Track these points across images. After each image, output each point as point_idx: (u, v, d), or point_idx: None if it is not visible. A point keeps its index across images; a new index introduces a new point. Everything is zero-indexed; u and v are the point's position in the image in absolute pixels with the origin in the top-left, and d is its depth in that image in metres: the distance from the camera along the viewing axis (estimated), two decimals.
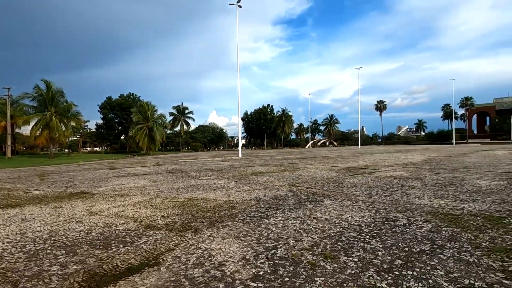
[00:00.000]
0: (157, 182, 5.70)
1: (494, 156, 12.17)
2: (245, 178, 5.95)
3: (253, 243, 2.06)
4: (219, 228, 2.43)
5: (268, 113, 56.12)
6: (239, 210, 3.08)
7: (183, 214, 2.97)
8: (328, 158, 13.20)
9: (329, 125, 62.34)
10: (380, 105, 60.54)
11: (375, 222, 2.53)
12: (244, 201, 3.60)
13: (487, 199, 3.49)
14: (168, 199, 3.80)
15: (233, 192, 4.28)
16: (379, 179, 5.50)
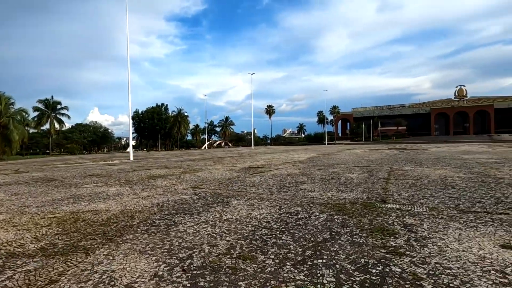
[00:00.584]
0: (20, 194, 4.46)
1: (355, 154, 15.19)
2: (142, 183, 5.37)
3: (164, 256, 1.83)
4: (119, 244, 2.07)
5: (162, 113, 53.05)
6: (141, 220, 2.73)
7: (66, 232, 2.39)
8: (226, 158, 13.51)
9: (224, 126, 64.18)
10: (269, 109, 66.59)
11: (281, 218, 2.70)
12: (145, 208, 3.22)
13: (359, 189, 4.28)
14: (40, 216, 3.00)
15: (130, 199, 3.78)
16: (276, 176, 5.98)
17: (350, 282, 1.45)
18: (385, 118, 77.81)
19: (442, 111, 72.92)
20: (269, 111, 64.85)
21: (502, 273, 1.52)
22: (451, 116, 71.71)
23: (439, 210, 2.89)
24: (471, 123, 69.92)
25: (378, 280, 1.46)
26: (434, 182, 4.82)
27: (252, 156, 15.10)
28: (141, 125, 51.59)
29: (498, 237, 2.06)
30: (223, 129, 62.98)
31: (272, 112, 65.66)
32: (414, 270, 1.56)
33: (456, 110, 71.43)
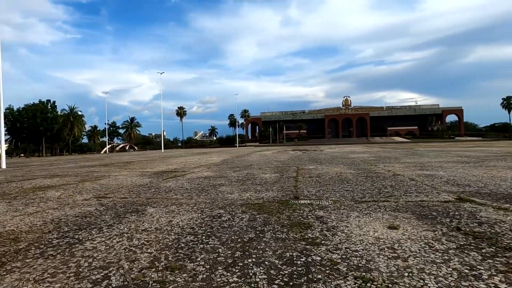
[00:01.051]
0: None
1: (265, 155, 16.18)
2: (25, 196, 4.38)
3: (71, 281, 1.54)
4: (2, 276, 1.63)
5: (48, 111, 44.30)
6: (31, 242, 2.22)
7: None
8: (134, 163, 12.35)
9: (129, 128, 58.38)
10: (180, 111, 64.25)
11: (205, 222, 2.64)
12: (35, 227, 2.63)
13: (273, 188, 4.57)
14: None
15: (9, 218, 3.02)
16: (192, 180, 5.81)
17: (280, 276, 1.54)
18: (288, 122, 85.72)
19: (333, 117, 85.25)
20: (180, 112, 62.40)
21: (392, 249, 1.88)
22: (340, 122, 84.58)
23: (341, 202, 3.37)
24: (354, 128, 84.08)
25: (303, 270, 1.60)
26: (333, 178, 5.57)
27: (163, 160, 14.25)
28: (17, 125, 41.44)
29: (385, 221, 2.54)
30: (128, 131, 56.99)
31: (184, 114, 63.49)
32: (331, 256, 1.78)
33: (343, 116, 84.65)
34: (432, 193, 3.81)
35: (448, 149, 18.12)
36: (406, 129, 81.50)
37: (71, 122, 44.96)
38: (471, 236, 2.08)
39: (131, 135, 57.53)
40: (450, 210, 2.86)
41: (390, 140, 64.22)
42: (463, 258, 1.70)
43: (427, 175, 5.68)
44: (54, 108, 44.69)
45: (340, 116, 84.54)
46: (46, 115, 42.12)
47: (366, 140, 66.57)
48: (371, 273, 1.54)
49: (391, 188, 4.22)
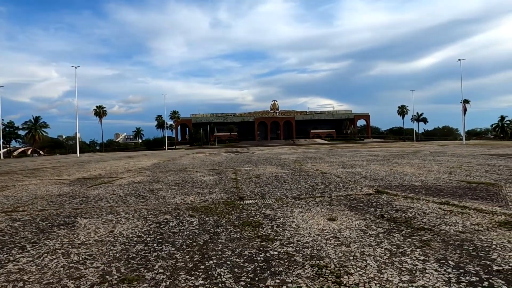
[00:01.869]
0: None
1: (199, 158, 15.87)
2: None
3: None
4: None
5: None
6: None
7: None
8: (44, 170, 10.63)
9: (33, 129, 49.49)
10: (99, 110, 57.64)
11: (153, 229, 2.51)
12: None
13: (216, 190, 4.57)
14: None
15: None
16: (125, 186, 5.35)
17: (245, 273, 1.60)
18: (220, 125, 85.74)
19: (263, 120, 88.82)
20: (99, 112, 55.73)
21: (335, 238, 2.13)
22: (269, 124, 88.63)
23: (283, 200, 3.60)
24: (281, 131, 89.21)
25: (265, 265, 1.69)
26: (270, 178, 5.87)
27: (82, 166, 12.63)
28: None
29: (324, 214, 2.83)
30: (32, 132, 47.93)
31: (103, 114, 56.95)
32: (286, 249, 1.92)
33: (271, 119, 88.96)
34: (356, 187, 4.39)
35: (360, 149, 20.84)
36: (326, 132, 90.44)
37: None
38: (392, 221, 2.50)
39: (35, 137, 48.56)
40: (373, 201, 3.36)
41: (312, 142, 70.29)
42: (390, 240, 2.05)
43: (349, 172, 6.47)
44: None
45: (269, 119, 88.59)
46: None
47: (292, 142, 71.38)
48: (323, 260, 1.73)
49: (322, 185, 4.69)
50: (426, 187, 4.28)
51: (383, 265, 1.63)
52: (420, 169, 6.59)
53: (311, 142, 68.41)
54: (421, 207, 3.01)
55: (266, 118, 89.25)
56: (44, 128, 51.40)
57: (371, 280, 1.46)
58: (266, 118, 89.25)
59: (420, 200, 3.37)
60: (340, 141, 68.52)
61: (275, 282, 1.47)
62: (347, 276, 1.52)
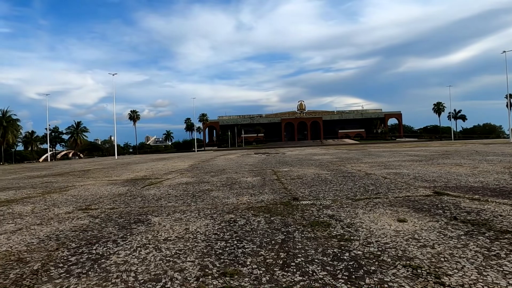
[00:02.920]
0: None
1: (231, 159, 16.15)
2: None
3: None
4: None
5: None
6: (43, 261, 1.99)
7: None
8: (92, 171, 11.39)
9: (75, 133, 53.26)
10: (134, 114, 60.66)
11: (224, 227, 2.63)
12: (33, 246, 2.35)
13: (265, 190, 4.66)
14: None
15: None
16: (175, 187, 5.61)
17: (338, 270, 1.64)
18: (246, 126, 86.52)
19: (289, 121, 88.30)
20: (133, 116, 58.77)
21: (415, 239, 2.10)
22: (295, 125, 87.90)
23: (339, 201, 3.59)
24: (309, 131, 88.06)
25: (354, 263, 1.72)
26: (314, 179, 5.85)
27: (124, 167, 13.37)
28: None
29: (390, 215, 2.80)
30: (74, 136, 51.71)
31: (137, 118, 59.92)
32: (369, 249, 1.93)
33: (298, 120, 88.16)
34: (410, 189, 4.26)
35: (396, 149, 20.04)
36: (355, 132, 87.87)
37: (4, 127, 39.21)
38: (469, 224, 2.41)
39: (77, 141, 52.30)
40: (436, 203, 3.25)
41: (341, 142, 68.63)
42: (476, 242, 1.99)
43: (395, 173, 6.27)
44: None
45: (296, 120, 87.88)
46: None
47: (320, 143, 70.18)
48: (413, 261, 1.73)
49: (373, 187, 4.60)
50: (489, 188, 4.05)
51: (481, 267, 1.60)
52: (474, 170, 6.23)
53: (340, 142, 66.82)
54: (494, 209, 2.87)
55: (292, 118, 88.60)
56: (84, 132, 55.08)
57: (475, 282, 1.44)
58: (292, 118, 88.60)
59: (489, 202, 3.20)
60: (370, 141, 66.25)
61: (373, 281, 1.50)
62: (446, 277, 1.51)
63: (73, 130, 52.43)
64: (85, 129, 54.28)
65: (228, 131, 77.16)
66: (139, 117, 61.66)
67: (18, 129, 41.98)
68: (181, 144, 73.96)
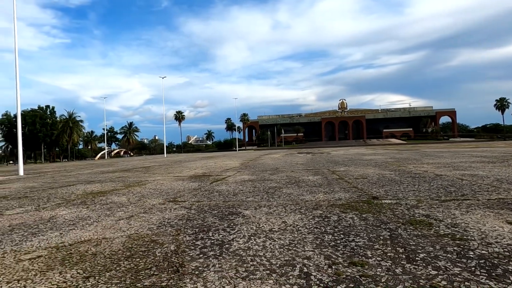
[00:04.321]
0: None
1: (278, 158, 16.28)
2: (95, 202, 4.38)
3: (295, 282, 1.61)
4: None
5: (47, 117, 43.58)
6: (178, 244, 2.27)
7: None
8: (151, 168, 12.31)
9: (128, 133, 57.88)
10: (179, 115, 64.05)
11: (319, 222, 2.73)
12: (157, 231, 2.67)
13: (335, 189, 4.67)
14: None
15: (115, 224, 3.05)
16: (243, 183, 5.86)
17: (474, 268, 1.64)
18: (286, 126, 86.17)
19: (330, 120, 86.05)
20: (178, 117, 62.19)
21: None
22: (336, 124, 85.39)
23: (425, 201, 3.49)
24: (350, 130, 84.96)
25: (488, 262, 1.70)
26: (380, 179, 5.70)
27: (179, 165, 14.22)
28: (13, 131, 40.63)
29: (494, 217, 2.66)
30: (126, 136, 56.46)
31: (182, 119, 63.27)
32: (493, 250, 1.89)
33: (339, 119, 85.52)
34: (500, 191, 3.96)
35: (454, 150, 18.52)
36: (401, 131, 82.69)
37: (70, 128, 44.34)
38: None
39: (129, 140, 56.97)
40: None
41: (386, 142, 65.07)
42: None
43: (470, 175, 5.85)
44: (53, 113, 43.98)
45: (337, 119, 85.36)
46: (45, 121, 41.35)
47: (364, 142, 67.29)
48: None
49: (453, 188, 4.36)
50: None
51: None
52: None
53: (385, 142, 63.43)
54: None
55: (333, 118, 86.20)
56: (136, 132, 59.48)
57: None
58: (333, 118, 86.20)
59: None
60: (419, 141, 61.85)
61: None
62: None
63: (126, 130, 57.15)
64: (136, 129, 58.89)
65: (268, 131, 77.59)
66: (184, 117, 64.97)
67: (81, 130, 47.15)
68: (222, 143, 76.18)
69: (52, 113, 43.65)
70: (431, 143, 48.98)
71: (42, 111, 42.35)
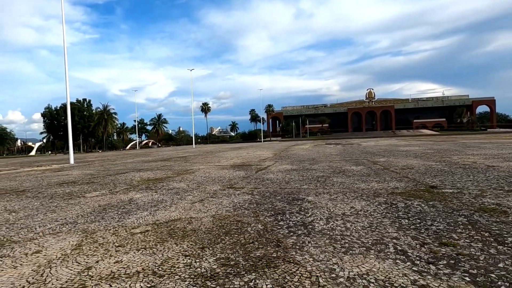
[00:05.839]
0: None
1: (307, 149, 16.26)
2: (159, 188, 4.76)
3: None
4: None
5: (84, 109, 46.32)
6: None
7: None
8: (189, 158, 12.83)
9: (157, 125, 60.13)
10: (205, 107, 65.36)
11: (388, 207, 2.84)
12: (237, 214, 2.93)
13: (385, 178, 4.72)
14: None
15: (197, 204, 3.35)
16: (288, 172, 6.04)
17: None
18: (310, 117, 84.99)
19: (356, 110, 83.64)
20: (204, 109, 63.64)
21: None
22: (363, 115, 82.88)
23: (488, 191, 3.47)
24: (378, 121, 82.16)
25: None
26: (429, 170, 5.63)
27: (213, 155, 14.68)
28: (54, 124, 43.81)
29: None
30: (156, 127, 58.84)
31: (208, 110, 64.70)
32: None
33: (367, 109, 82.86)
34: None
35: (495, 141, 17.49)
36: (433, 121, 78.72)
37: (105, 119, 46.99)
38: None
39: (158, 131, 59.31)
40: None
41: (418, 133, 62.36)
42: None
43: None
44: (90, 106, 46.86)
45: (364, 109, 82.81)
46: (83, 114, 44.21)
47: (393, 133, 64.98)
48: None
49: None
50: None
51: None
52: None
53: (416, 133, 60.85)
54: None
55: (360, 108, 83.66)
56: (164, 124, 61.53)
57: None
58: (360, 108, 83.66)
59: None
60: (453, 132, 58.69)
61: None
62: None
63: (155, 121, 59.51)
64: (164, 121, 61.14)
65: (292, 122, 77.05)
66: (209, 109, 66.30)
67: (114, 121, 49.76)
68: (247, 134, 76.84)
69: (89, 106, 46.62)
70: (468, 134, 46.30)
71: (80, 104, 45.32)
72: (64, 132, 44.14)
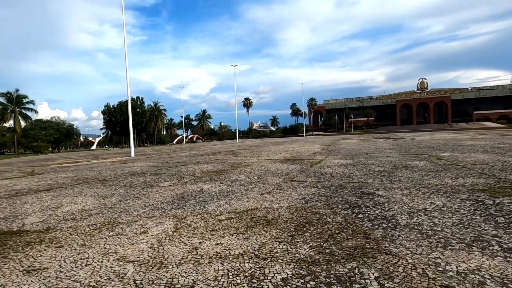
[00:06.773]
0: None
1: (356, 143, 15.66)
2: (225, 180, 5.03)
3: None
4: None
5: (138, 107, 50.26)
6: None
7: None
8: (238, 152, 13.19)
9: (202, 120, 62.77)
10: (247, 102, 66.36)
11: (474, 204, 2.68)
12: (309, 206, 3.00)
13: (459, 174, 4.39)
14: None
15: (285, 198, 3.50)
16: (345, 167, 5.93)
17: None
18: (354, 110, 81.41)
19: (406, 102, 78.03)
20: (246, 104, 64.74)
21: None
22: (414, 107, 77.03)
23: None
24: (431, 113, 75.74)
25: None
26: (508, 166, 5.10)
27: (260, 149, 14.91)
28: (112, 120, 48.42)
29: None
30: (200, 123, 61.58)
31: (250, 105, 65.65)
32: None
33: (418, 101, 76.83)
34: None
35: None
36: (498, 113, 70.24)
37: (156, 116, 50.54)
38: None
39: (203, 126, 61.95)
40: None
41: (479, 125, 56.21)
42: None
43: None
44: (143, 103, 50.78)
45: (415, 101, 76.93)
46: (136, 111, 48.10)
47: (449, 127, 59.48)
48: None
49: None
50: None
51: None
52: None
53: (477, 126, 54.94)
54: None
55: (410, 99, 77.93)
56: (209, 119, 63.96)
57: None
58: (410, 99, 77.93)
59: None
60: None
61: None
62: None
63: (200, 117, 62.21)
64: (209, 116, 63.61)
65: (335, 115, 74.61)
66: (251, 104, 67.17)
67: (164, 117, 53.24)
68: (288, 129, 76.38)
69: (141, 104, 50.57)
70: None
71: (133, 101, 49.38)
72: (120, 128, 48.75)
